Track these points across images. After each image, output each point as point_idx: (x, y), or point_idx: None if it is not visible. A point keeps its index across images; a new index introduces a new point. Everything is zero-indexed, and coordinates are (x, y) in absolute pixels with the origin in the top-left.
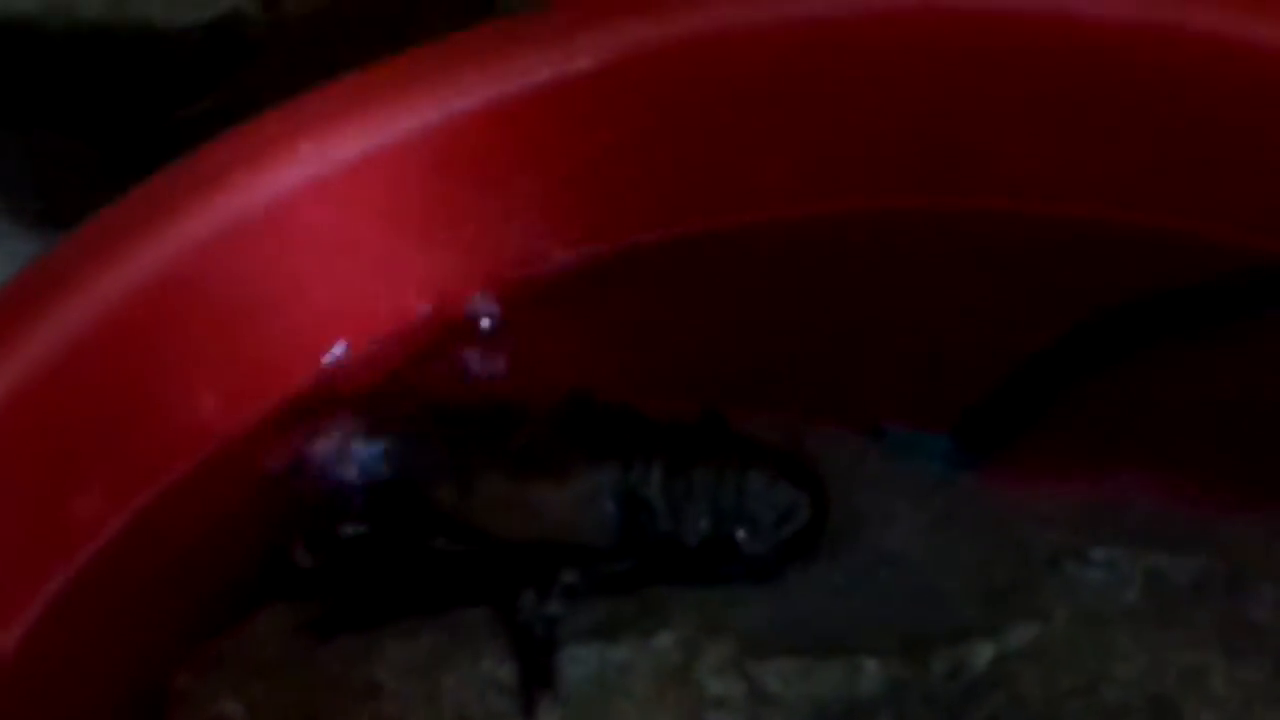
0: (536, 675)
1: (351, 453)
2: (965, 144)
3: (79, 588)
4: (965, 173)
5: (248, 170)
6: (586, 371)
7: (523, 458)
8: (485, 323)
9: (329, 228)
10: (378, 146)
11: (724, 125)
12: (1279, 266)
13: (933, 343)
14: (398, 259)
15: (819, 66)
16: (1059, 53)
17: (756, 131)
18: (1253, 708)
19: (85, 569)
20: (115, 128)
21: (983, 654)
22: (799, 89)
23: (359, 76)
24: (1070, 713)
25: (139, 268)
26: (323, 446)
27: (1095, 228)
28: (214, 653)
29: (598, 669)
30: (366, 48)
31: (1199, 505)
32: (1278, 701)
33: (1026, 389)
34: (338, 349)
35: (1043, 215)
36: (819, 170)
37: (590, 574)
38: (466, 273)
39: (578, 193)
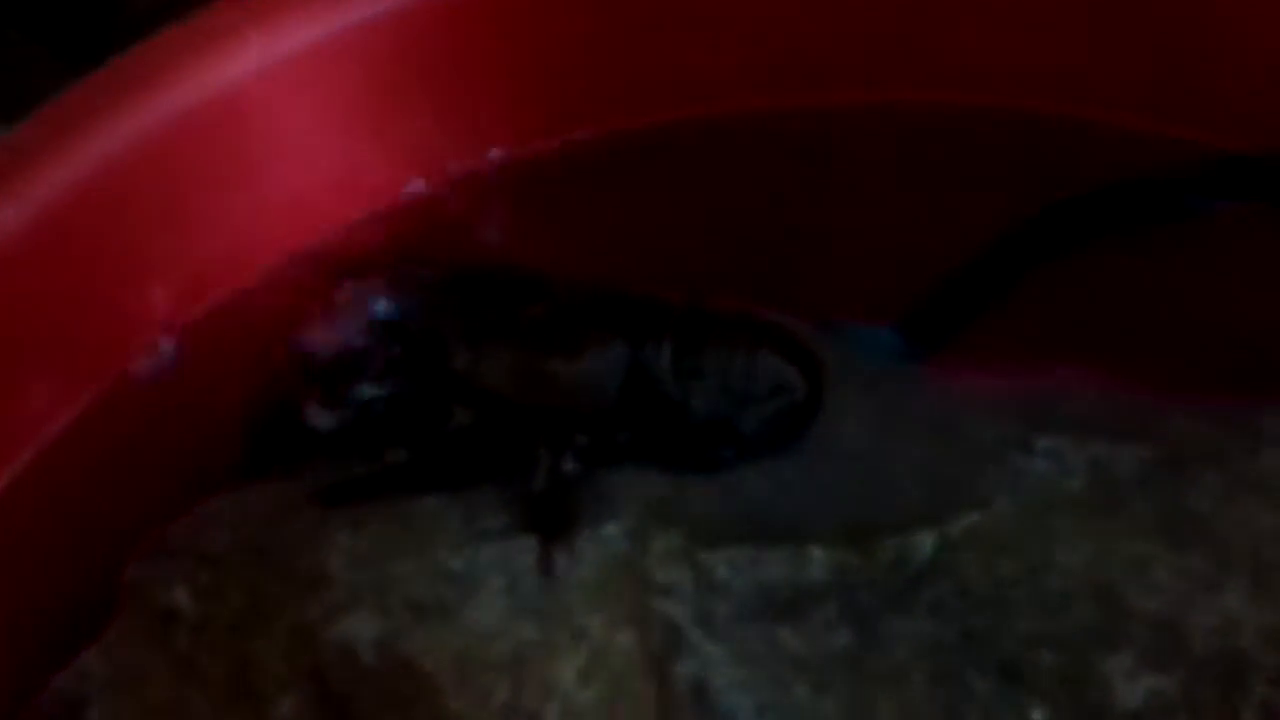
0: (554, 529)
1: (368, 311)
2: (915, 37)
3: (30, 478)
4: (916, 66)
5: (198, 59)
6: (546, 260)
7: (538, 326)
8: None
9: (277, 118)
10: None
11: (674, 16)
12: (1226, 161)
13: (881, 238)
14: (349, 150)
15: None
16: None
17: (706, 23)
18: (1194, 596)
19: (36, 460)
20: (65, 21)
21: (927, 542)
22: None
23: None
24: (1014, 599)
25: (89, 157)
26: (339, 305)
27: (1047, 122)
28: (163, 542)
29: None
30: None
31: (1143, 396)
32: (1218, 589)
33: (971, 283)
34: (290, 240)
35: (994, 108)
36: (767, 64)
37: (596, 441)
38: (418, 164)
39: (536, 81)
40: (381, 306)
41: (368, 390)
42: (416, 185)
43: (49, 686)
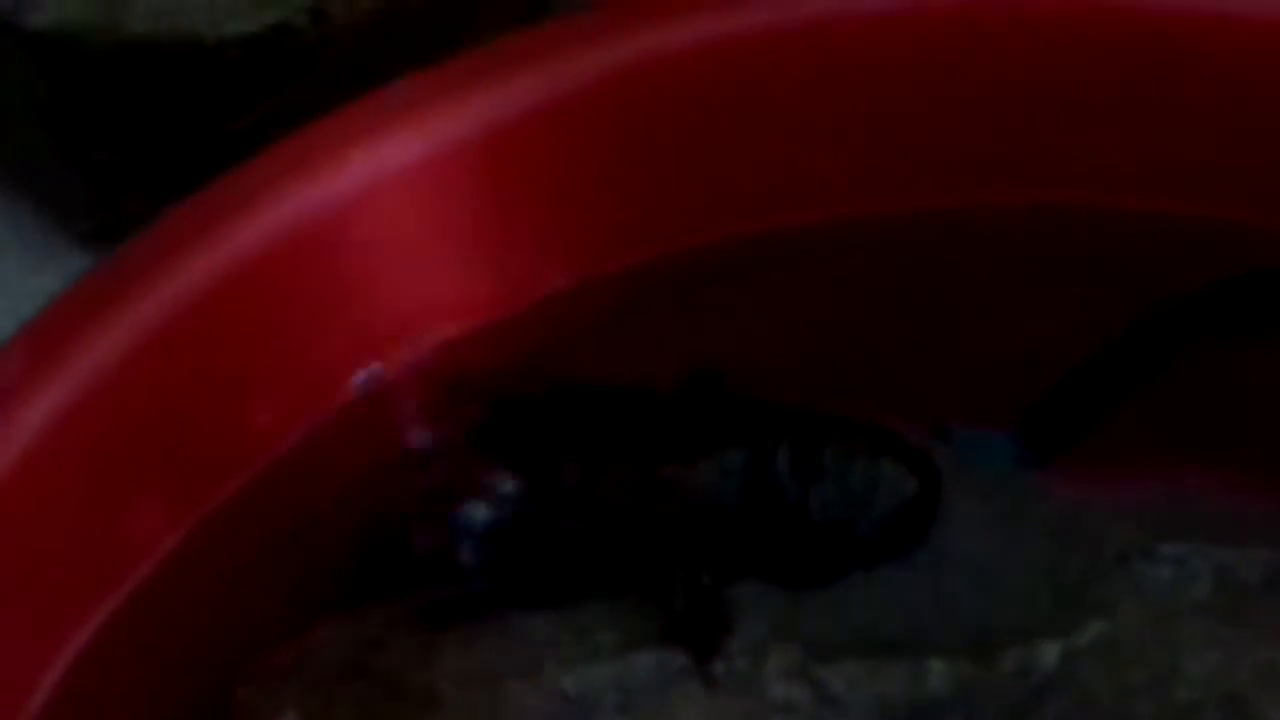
0: (705, 643)
1: (475, 430)
2: (1026, 138)
3: (137, 603)
4: (1028, 168)
5: (300, 179)
6: (649, 377)
7: (650, 437)
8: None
9: (379, 236)
10: (429, 152)
11: (784, 121)
12: None
13: (997, 342)
14: (453, 269)
15: (877, 59)
16: (1116, 41)
17: (813, 128)
18: None
19: (146, 582)
20: (166, 142)
21: (1051, 653)
22: (855, 82)
23: (407, 82)
24: (1140, 711)
25: (191, 279)
26: (445, 425)
27: (1159, 221)
28: (275, 665)
29: (658, 676)
30: (417, 56)
31: (1269, 500)
32: None
33: (1091, 386)
34: (378, 366)
35: (1106, 209)
36: (877, 168)
37: (722, 551)
38: (517, 283)
39: (630, 196)
40: (488, 425)
41: (477, 513)
42: (517, 303)
43: None
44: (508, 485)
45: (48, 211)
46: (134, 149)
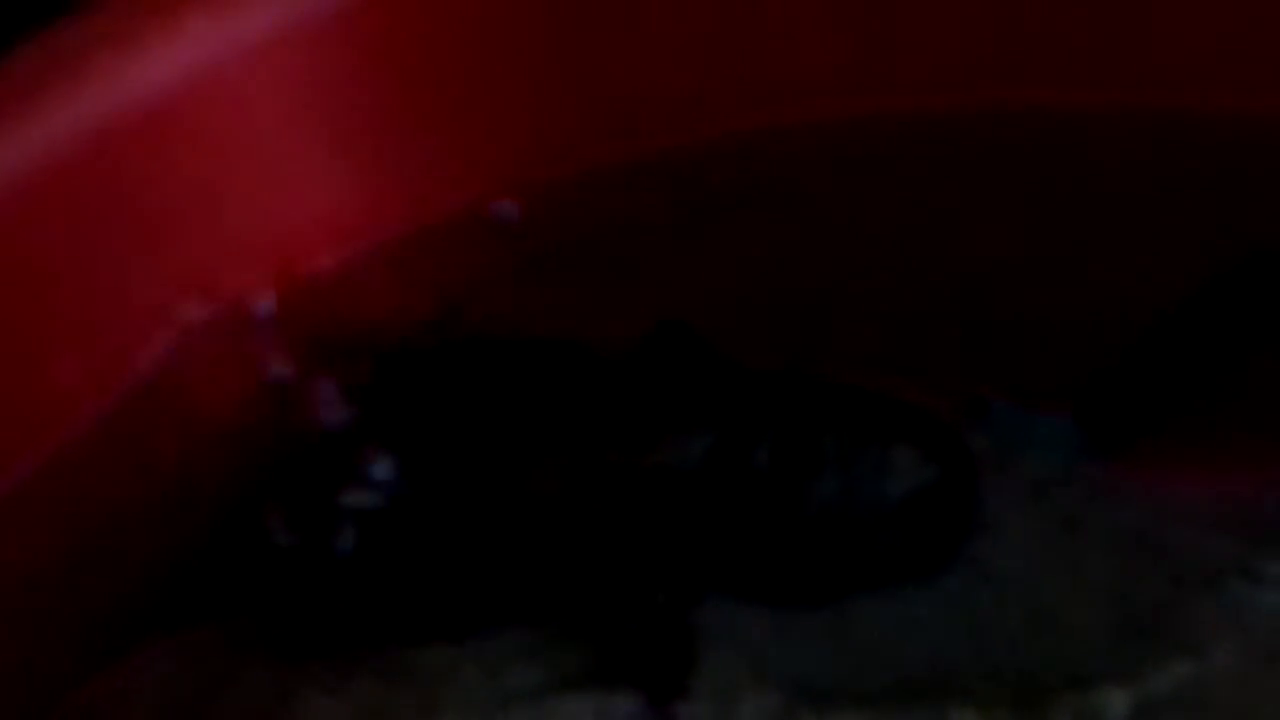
0: (664, 680)
1: (356, 394)
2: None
3: None
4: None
5: (122, 50)
6: (587, 325)
7: (588, 410)
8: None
9: (226, 130)
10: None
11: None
12: None
13: (1053, 291)
14: (327, 176)
15: None
16: None
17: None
18: None
19: None
20: None
21: (1118, 703)
22: None
23: None
24: None
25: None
26: (319, 385)
27: (1253, 132)
28: (83, 706)
29: None
30: None
31: None
32: None
33: (1172, 353)
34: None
35: (1189, 113)
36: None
37: (681, 563)
38: (413, 196)
39: (567, 88)
40: (370, 386)
41: (353, 499)
42: (410, 228)
43: None
44: (393, 466)
45: None
46: None
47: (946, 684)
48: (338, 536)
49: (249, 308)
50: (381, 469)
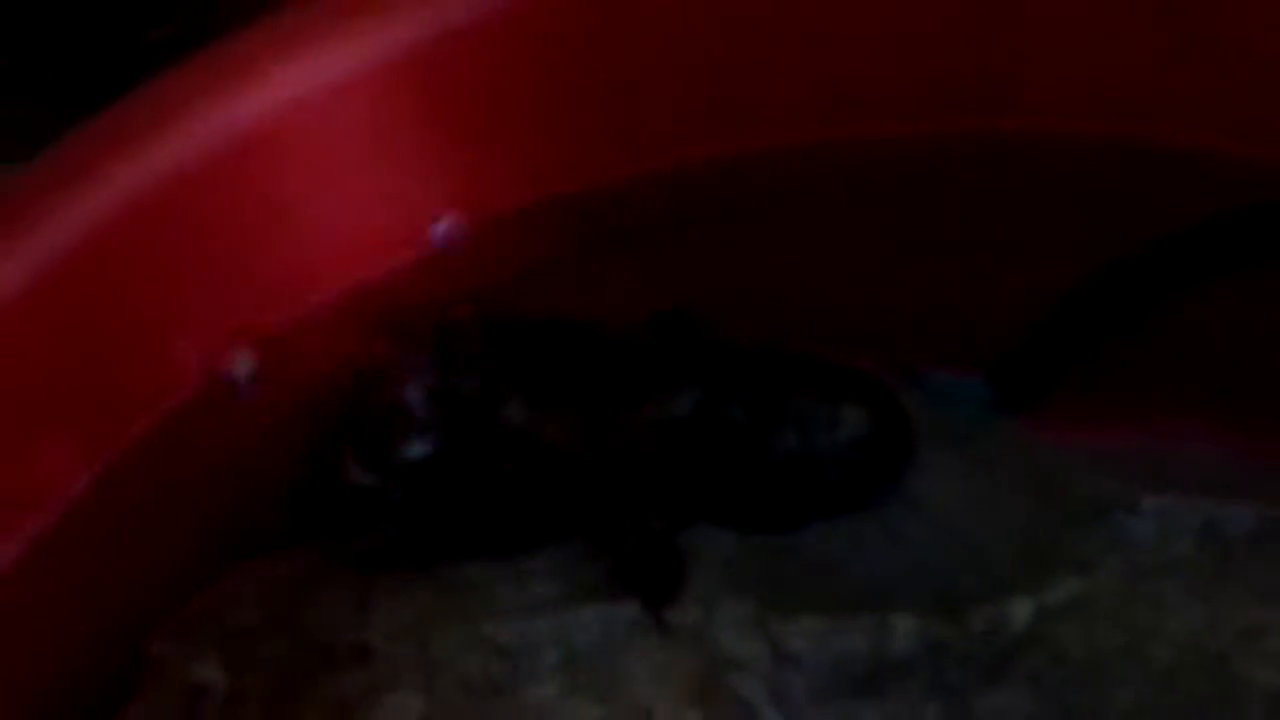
0: (658, 590)
1: (414, 363)
2: (1005, 63)
3: (50, 544)
4: (1006, 93)
5: (222, 95)
6: (603, 307)
7: (599, 375)
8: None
9: (306, 158)
10: (362, 65)
11: (751, 37)
12: None
13: (971, 279)
14: (388, 186)
15: None
16: None
17: (781, 46)
18: None
19: (48, 530)
20: (75, 52)
21: (1023, 610)
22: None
23: None
24: (1117, 672)
25: (101, 203)
26: (383, 358)
27: (1145, 151)
28: (191, 615)
29: (603, 630)
30: None
31: (1257, 452)
32: None
33: (1068, 327)
34: (308, 298)
35: (1091, 137)
36: (845, 91)
37: (673, 495)
38: (466, 203)
39: (584, 117)
40: (428, 358)
41: (414, 448)
42: (460, 227)
43: None
44: (446, 423)
45: None
46: (38, 58)
47: (886, 596)
48: (400, 478)
49: (343, 301)
50: (442, 422)
